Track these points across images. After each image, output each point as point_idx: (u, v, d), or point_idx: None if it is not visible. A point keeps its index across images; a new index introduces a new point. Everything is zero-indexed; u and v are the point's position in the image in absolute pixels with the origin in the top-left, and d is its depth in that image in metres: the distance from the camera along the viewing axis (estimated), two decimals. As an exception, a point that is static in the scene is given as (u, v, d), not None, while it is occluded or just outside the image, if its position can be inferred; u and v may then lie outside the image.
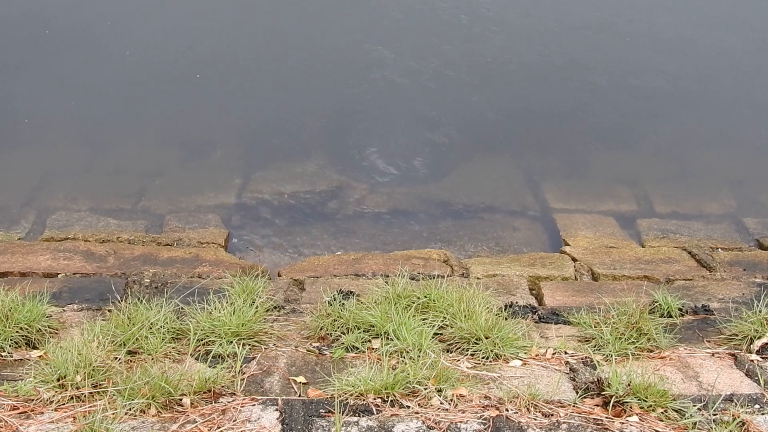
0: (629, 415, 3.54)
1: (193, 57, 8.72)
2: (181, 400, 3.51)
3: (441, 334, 4.16)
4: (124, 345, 3.91)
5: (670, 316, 4.61)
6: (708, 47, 9.39)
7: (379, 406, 3.51)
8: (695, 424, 3.49)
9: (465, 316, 4.20)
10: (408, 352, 3.89)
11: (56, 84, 8.20)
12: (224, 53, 8.84)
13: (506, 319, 4.38)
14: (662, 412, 3.55)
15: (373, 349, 4.03)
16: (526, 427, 3.45)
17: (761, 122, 8.29)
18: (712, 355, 4.21)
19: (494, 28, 9.47)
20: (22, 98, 7.96)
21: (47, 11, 9.38)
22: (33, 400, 3.48)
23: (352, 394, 3.56)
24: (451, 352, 4.05)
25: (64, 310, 4.56)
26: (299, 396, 3.67)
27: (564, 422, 3.49)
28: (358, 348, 4.07)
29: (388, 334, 4.05)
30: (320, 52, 8.91)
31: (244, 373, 3.79)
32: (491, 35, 9.35)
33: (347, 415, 3.46)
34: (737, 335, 4.33)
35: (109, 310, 4.31)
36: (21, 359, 3.88)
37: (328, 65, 8.72)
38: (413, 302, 4.34)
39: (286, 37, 9.14)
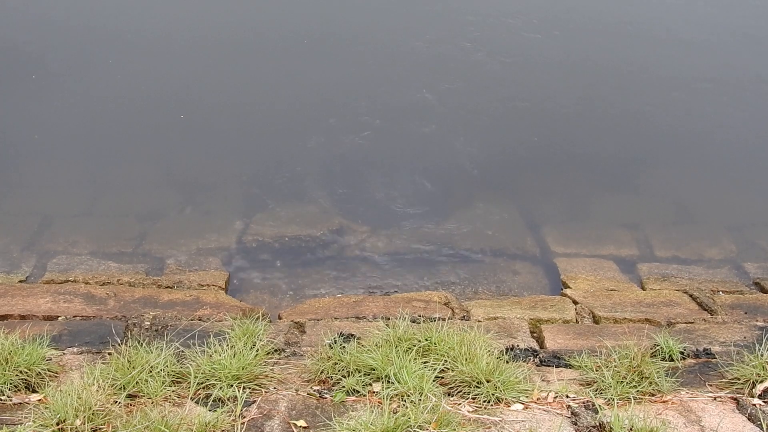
0: (632, 460, 3.52)
1: (195, 99, 8.78)
2: (180, 444, 3.49)
3: (442, 377, 4.15)
4: (124, 388, 3.90)
5: (672, 360, 4.60)
6: (708, 91, 9.46)
7: (380, 451, 3.49)
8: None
9: (466, 359, 4.19)
10: (409, 396, 3.87)
11: (55, 127, 8.24)
12: (226, 95, 8.89)
13: (507, 362, 4.36)
14: (665, 457, 3.53)
15: (374, 392, 4.02)
16: (528, 472, 3.43)
17: (761, 166, 8.33)
18: (714, 399, 4.19)
19: (492, 73, 9.56)
20: (21, 140, 8.00)
21: (41, 52, 9.47)
22: (32, 444, 3.47)
23: (353, 439, 3.54)
24: (452, 396, 4.03)
25: (64, 353, 4.54)
26: (300, 440, 3.65)
27: (566, 467, 3.47)
28: (358, 391, 4.05)
29: (389, 378, 4.04)
30: (322, 96, 8.98)
31: (244, 417, 3.77)
32: (489, 81, 9.43)
33: (348, 459, 3.44)
34: (739, 379, 4.32)
35: (110, 353, 4.30)
36: (20, 403, 3.86)
37: (329, 109, 8.78)
38: (414, 345, 4.33)
39: (288, 80, 9.21)
